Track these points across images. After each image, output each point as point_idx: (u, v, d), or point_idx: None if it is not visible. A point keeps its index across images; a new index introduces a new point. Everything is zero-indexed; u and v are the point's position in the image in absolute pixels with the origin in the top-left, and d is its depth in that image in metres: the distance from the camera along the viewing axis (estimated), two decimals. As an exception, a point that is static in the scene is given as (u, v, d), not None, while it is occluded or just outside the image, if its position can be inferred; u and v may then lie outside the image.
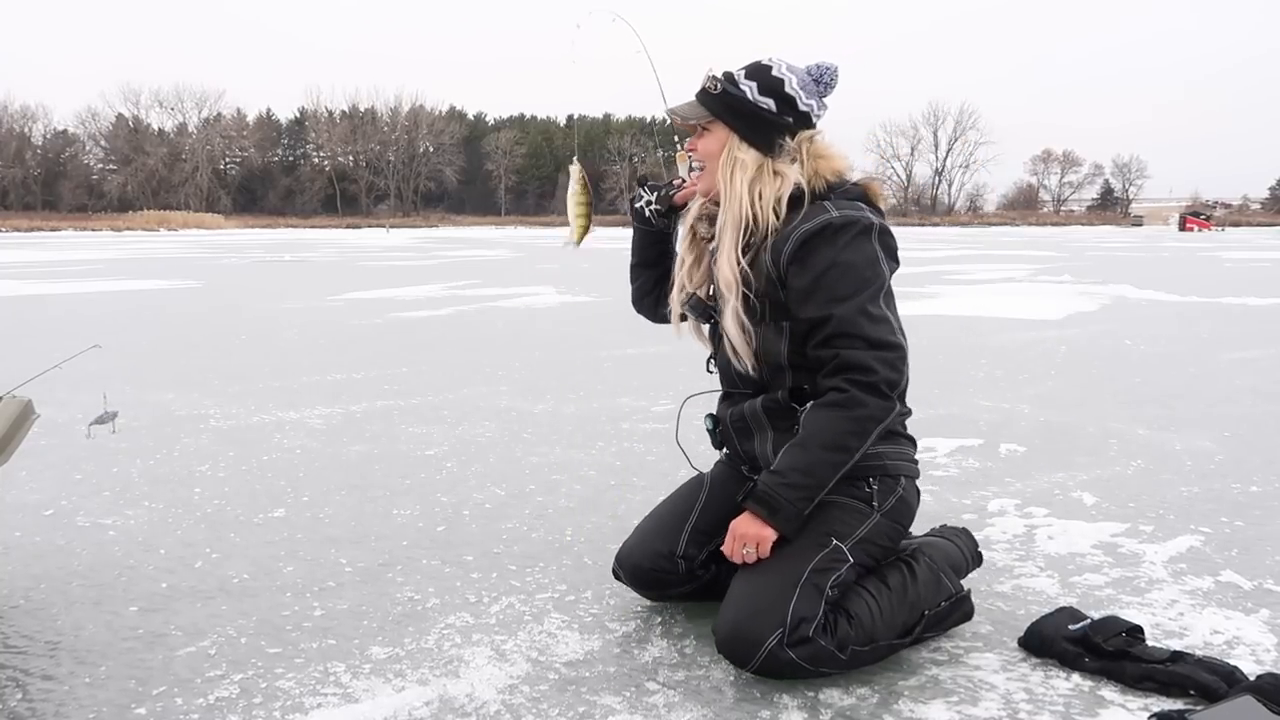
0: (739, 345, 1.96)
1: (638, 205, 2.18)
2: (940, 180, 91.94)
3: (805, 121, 1.96)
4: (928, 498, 2.81)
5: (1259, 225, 71.00)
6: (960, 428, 3.99)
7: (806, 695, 1.77)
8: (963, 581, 2.10)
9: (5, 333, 7.60)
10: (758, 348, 1.96)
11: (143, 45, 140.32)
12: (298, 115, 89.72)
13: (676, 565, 2.06)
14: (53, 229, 52.77)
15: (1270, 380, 5.17)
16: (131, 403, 4.47)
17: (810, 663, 1.77)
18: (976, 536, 2.32)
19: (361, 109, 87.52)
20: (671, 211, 2.17)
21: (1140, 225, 74.83)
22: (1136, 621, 1.99)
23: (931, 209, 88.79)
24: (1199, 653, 1.90)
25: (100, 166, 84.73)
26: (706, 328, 2.13)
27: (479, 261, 19.54)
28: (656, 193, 2.16)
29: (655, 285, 2.24)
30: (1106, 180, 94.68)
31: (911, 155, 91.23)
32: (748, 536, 1.86)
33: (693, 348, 2.22)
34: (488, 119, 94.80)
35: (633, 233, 2.23)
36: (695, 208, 2.09)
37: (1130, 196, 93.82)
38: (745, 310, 1.94)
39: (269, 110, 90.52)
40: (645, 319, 2.32)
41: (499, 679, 1.85)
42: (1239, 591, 2.26)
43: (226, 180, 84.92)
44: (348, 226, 65.24)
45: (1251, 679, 1.74)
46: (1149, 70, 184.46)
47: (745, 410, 2.03)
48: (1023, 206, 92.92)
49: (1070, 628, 1.92)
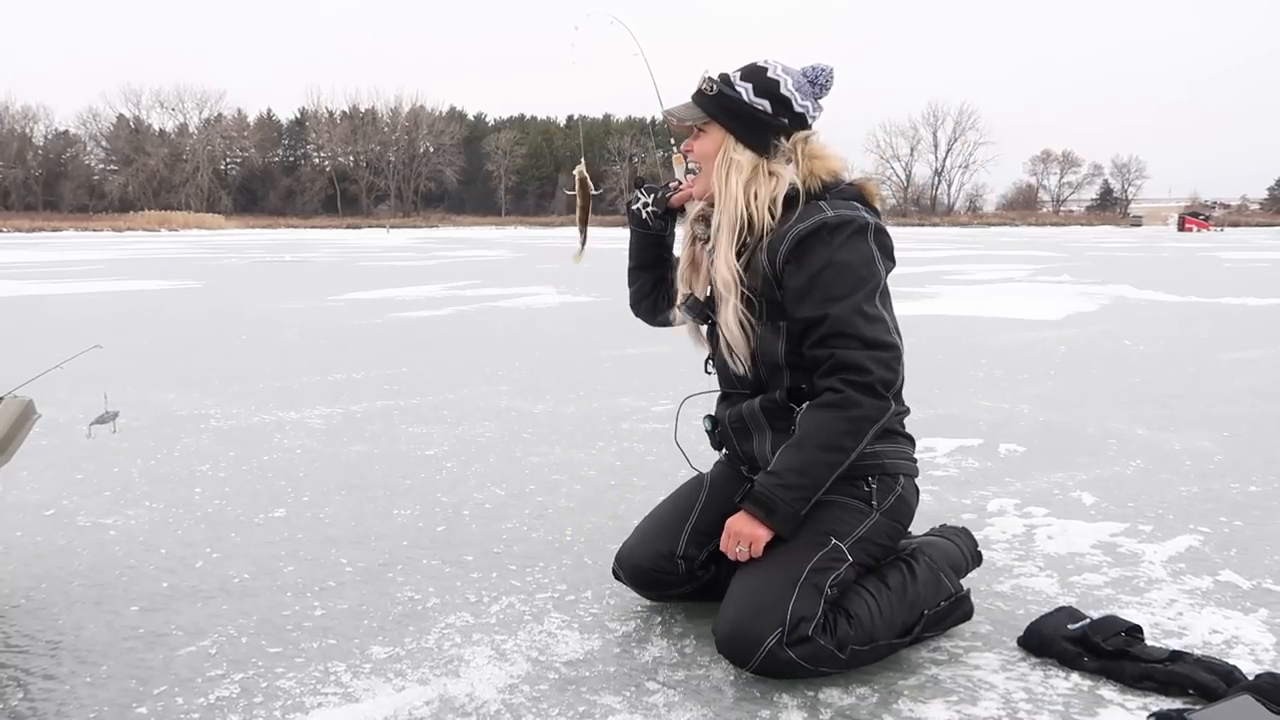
0: (737, 345, 1.96)
1: (634, 208, 2.18)
2: (940, 180, 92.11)
3: (801, 123, 1.96)
4: (927, 497, 2.82)
5: (1258, 225, 71.01)
6: (960, 428, 4.00)
7: (806, 695, 1.78)
8: (962, 581, 2.10)
9: (6, 333, 7.61)
10: (755, 347, 1.97)
11: (143, 46, 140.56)
12: (298, 116, 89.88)
13: (676, 566, 2.07)
14: (54, 229, 52.82)
15: (1269, 380, 5.17)
16: (132, 403, 4.48)
17: (810, 662, 1.77)
18: (976, 536, 2.33)
19: (362, 109, 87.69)
20: (668, 214, 2.17)
21: (1139, 225, 74.83)
22: (1135, 621, 2.00)
23: (931, 209, 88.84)
24: (1198, 652, 1.90)
25: (101, 167, 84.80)
26: (704, 329, 2.13)
27: (479, 262, 19.55)
28: (653, 195, 2.16)
29: (653, 288, 2.24)
30: (1105, 181, 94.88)
31: (911, 155, 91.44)
32: (742, 535, 1.87)
33: (693, 347, 2.22)
34: (488, 119, 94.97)
35: (630, 236, 2.23)
36: (693, 210, 2.09)
37: (1129, 197, 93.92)
38: (744, 310, 1.94)
39: (269, 111, 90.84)
40: (644, 322, 2.32)
41: (499, 679, 1.86)
42: (1238, 591, 2.27)
43: (227, 180, 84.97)
44: (348, 227, 65.28)
45: (1250, 678, 1.75)
46: (1149, 73, 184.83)
47: (744, 411, 2.03)
48: (1022, 207, 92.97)
49: (1069, 627, 1.92)
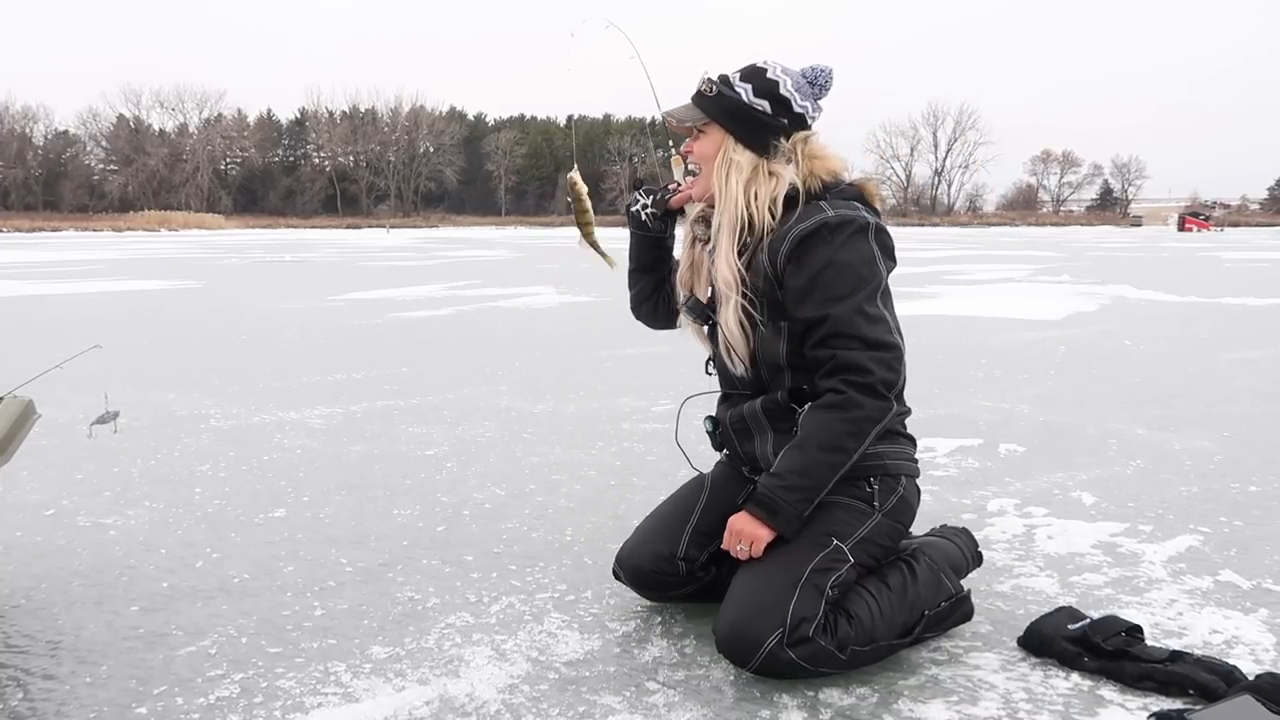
0: (736, 345, 1.96)
1: (633, 210, 2.18)
2: (940, 180, 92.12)
3: (800, 123, 1.96)
4: (927, 497, 2.82)
5: (1258, 225, 71.01)
6: (960, 428, 4.00)
7: (806, 695, 1.78)
8: (962, 582, 2.10)
9: (6, 333, 7.61)
10: (756, 348, 1.96)
11: (143, 46, 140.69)
12: (298, 116, 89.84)
13: (677, 567, 2.06)
14: (54, 229, 52.84)
15: (1269, 380, 5.17)
16: (132, 403, 4.47)
17: (810, 662, 1.77)
18: (976, 536, 2.33)
19: (362, 109, 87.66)
20: (668, 216, 2.16)
21: (1139, 225, 74.83)
22: (1136, 621, 2.00)
23: (931, 209, 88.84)
24: (1198, 652, 1.90)
25: (101, 167, 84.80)
26: (705, 329, 2.13)
27: (479, 262, 19.55)
28: (652, 197, 2.15)
29: (654, 291, 2.24)
30: (1105, 181, 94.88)
31: (911, 156, 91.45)
32: (744, 534, 1.87)
33: (693, 347, 2.22)
34: (488, 119, 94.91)
35: (630, 238, 2.22)
36: (693, 211, 2.09)
37: (1129, 197, 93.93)
38: (745, 309, 1.94)
39: (269, 111, 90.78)
40: (644, 325, 2.31)
41: (499, 679, 1.86)
42: (1238, 591, 2.27)
43: (227, 180, 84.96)
44: (348, 227, 65.29)
45: (1250, 678, 1.75)
46: (1149, 73, 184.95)
47: (745, 412, 2.02)
48: (1022, 207, 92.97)
49: (1070, 627, 1.92)
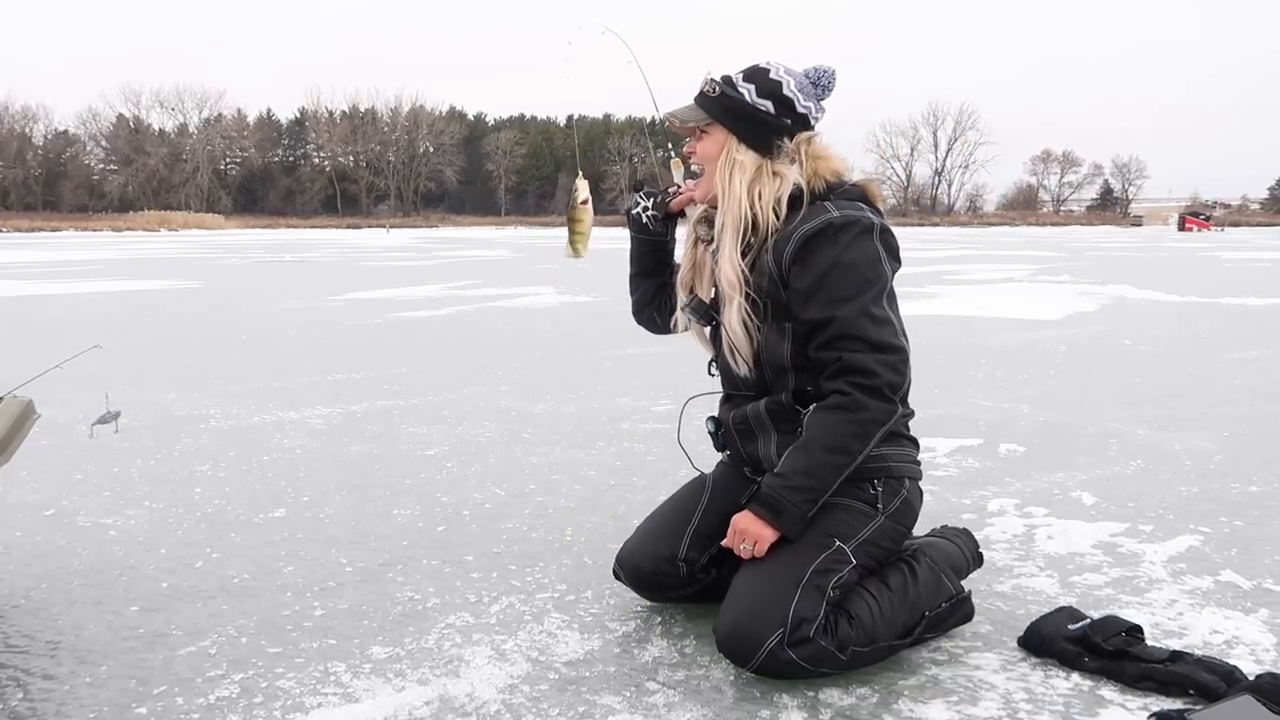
0: (740, 346, 1.95)
1: (634, 212, 2.17)
2: (940, 180, 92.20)
3: (803, 123, 1.96)
4: (928, 498, 2.81)
5: (1258, 225, 71.04)
6: (960, 428, 4.00)
7: (806, 695, 1.78)
8: (963, 582, 2.10)
9: (6, 333, 7.61)
10: (759, 349, 1.96)
11: (143, 46, 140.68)
12: (298, 115, 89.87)
13: (678, 569, 2.05)
14: (53, 229, 52.85)
15: (1269, 380, 5.17)
16: (132, 403, 4.48)
17: (810, 663, 1.77)
18: (976, 536, 2.33)
19: (362, 109, 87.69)
20: (668, 218, 2.16)
21: (1140, 225, 74.84)
22: (1136, 621, 2.00)
23: (931, 209, 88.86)
24: (1198, 652, 1.90)
25: (101, 167, 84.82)
26: (708, 330, 2.12)
27: (479, 262, 19.55)
28: (652, 199, 2.15)
29: (655, 295, 2.23)
30: (1106, 180, 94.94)
31: (911, 155, 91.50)
32: (748, 534, 1.86)
33: (693, 347, 2.22)
34: (488, 119, 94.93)
35: (631, 242, 2.22)
36: (695, 213, 2.08)
37: (1130, 197, 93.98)
38: (749, 310, 1.93)
39: (269, 111, 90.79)
40: (646, 330, 2.31)
41: (499, 679, 1.85)
42: (1238, 591, 2.27)
43: (227, 180, 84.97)
44: (348, 227, 65.29)
45: (1251, 678, 1.74)
46: (1149, 72, 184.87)
47: (749, 413, 2.02)
48: (1022, 207, 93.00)
49: (1070, 627, 1.92)
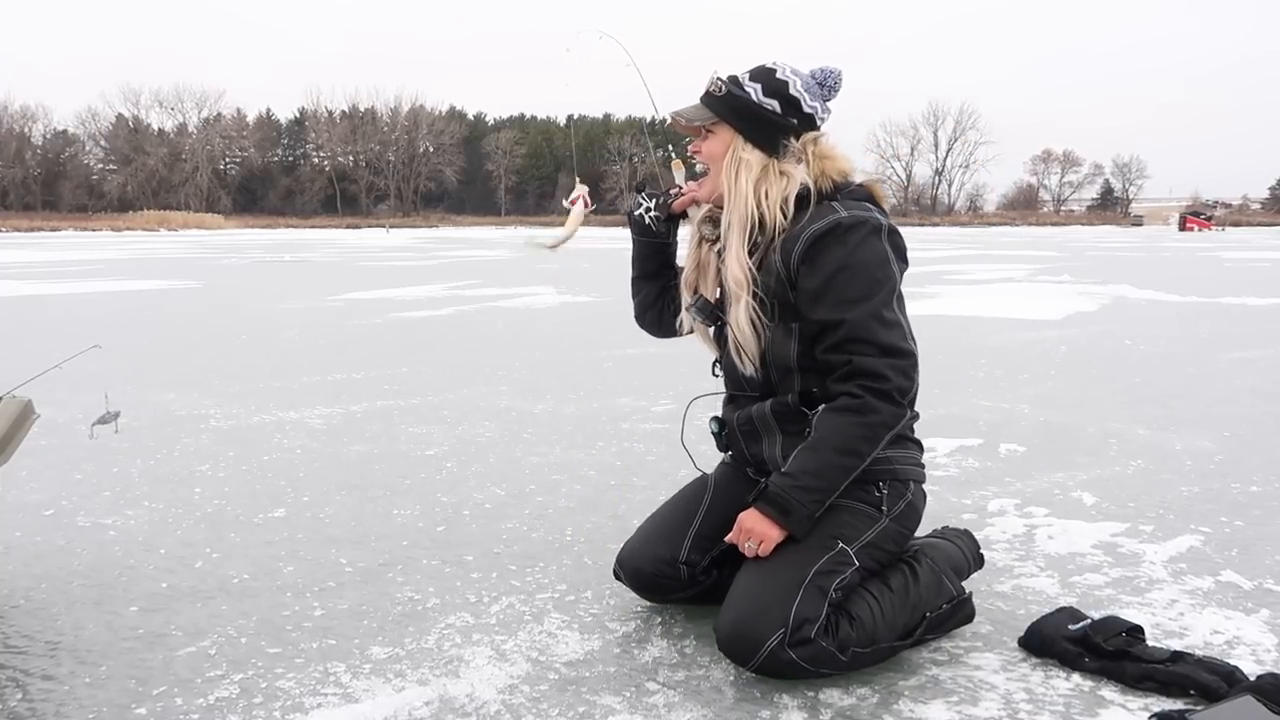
0: (747, 345, 1.94)
1: (636, 214, 2.16)
2: (940, 180, 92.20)
3: (809, 124, 1.95)
4: (928, 498, 2.82)
5: (1259, 225, 71.00)
6: (960, 428, 3.99)
7: (806, 695, 1.77)
8: (964, 583, 2.10)
9: (5, 333, 7.61)
10: (765, 349, 1.95)
11: (143, 45, 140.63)
12: (298, 115, 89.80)
13: (679, 571, 2.04)
14: (53, 229, 52.81)
15: (1270, 380, 5.17)
16: (132, 403, 4.47)
17: (811, 663, 1.77)
18: (976, 536, 2.32)
19: (361, 109, 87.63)
20: (670, 220, 2.15)
21: (1140, 225, 74.81)
22: (1136, 621, 1.99)
23: (931, 209, 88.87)
24: (1199, 653, 1.90)
25: (100, 167, 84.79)
26: (712, 331, 2.11)
27: (479, 261, 19.55)
28: (654, 200, 2.14)
29: (657, 298, 2.22)
30: (1106, 180, 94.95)
31: (911, 155, 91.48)
32: (754, 533, 1.85)
33: (694, 348, 2.21)
34: (488, 119, 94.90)
35: (632, 245, 2.21)
36: (699, 213, 2.08)
37: (1130, 196, 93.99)
38: (756, 309, 1.92)
39: (269, 110, 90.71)
40: (649, 334, 2.30)
41: (499, 679, 1.85)
42: (1239, 591, 2.27)
43: (226, 180, 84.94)
44: (348, 227, 65.26)
45: (1251, 679, 1.74)
46: (1149, 71, 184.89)
47: (754, 414, 2.01)
48: (1023, 206, 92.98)
49: (1070, 628, 1.92)
